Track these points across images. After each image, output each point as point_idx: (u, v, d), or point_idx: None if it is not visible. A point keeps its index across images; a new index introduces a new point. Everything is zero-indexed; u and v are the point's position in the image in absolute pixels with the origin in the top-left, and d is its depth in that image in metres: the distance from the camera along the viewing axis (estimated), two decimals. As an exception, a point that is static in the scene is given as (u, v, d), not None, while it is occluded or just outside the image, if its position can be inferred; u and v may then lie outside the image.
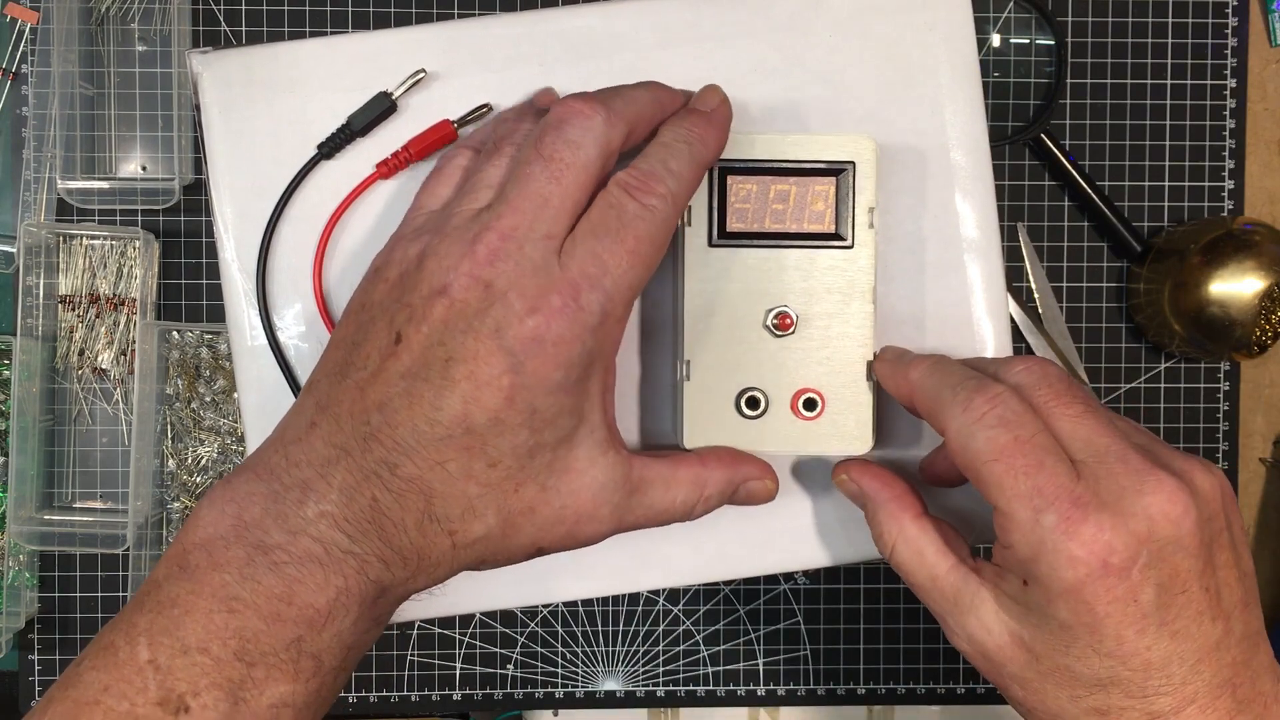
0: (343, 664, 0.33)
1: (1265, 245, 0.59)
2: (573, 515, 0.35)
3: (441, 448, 0.32)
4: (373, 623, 0.34)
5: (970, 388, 0.34)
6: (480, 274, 0.33)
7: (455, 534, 0.33)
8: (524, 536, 0.35)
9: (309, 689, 0.32)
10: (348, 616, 0.32)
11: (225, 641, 0.31)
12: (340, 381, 0.34)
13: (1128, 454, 0.33)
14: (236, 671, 0.31)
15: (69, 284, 0.62)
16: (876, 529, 0.38)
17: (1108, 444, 0.33)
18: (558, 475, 0.34)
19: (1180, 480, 0.32)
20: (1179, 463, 0.33)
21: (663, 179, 0.35)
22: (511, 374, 0.32)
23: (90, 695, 0.31)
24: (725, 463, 0.38)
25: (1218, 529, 0.33)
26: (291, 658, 0.32)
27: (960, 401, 0.34)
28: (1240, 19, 0.63)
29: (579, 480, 0.35)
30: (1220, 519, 0.33)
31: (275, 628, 0.31)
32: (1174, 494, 0.32)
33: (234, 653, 0.31)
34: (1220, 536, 0.33)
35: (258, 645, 0.31)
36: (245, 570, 0.32)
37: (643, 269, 0.34)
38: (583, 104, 0.35)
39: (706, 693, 0.64)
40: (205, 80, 0.41)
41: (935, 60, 0.41)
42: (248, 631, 0.31)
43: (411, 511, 0.33)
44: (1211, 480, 0.33)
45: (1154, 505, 0.32)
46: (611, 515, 0.36)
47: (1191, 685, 0.32)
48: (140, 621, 0.32)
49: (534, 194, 0.33)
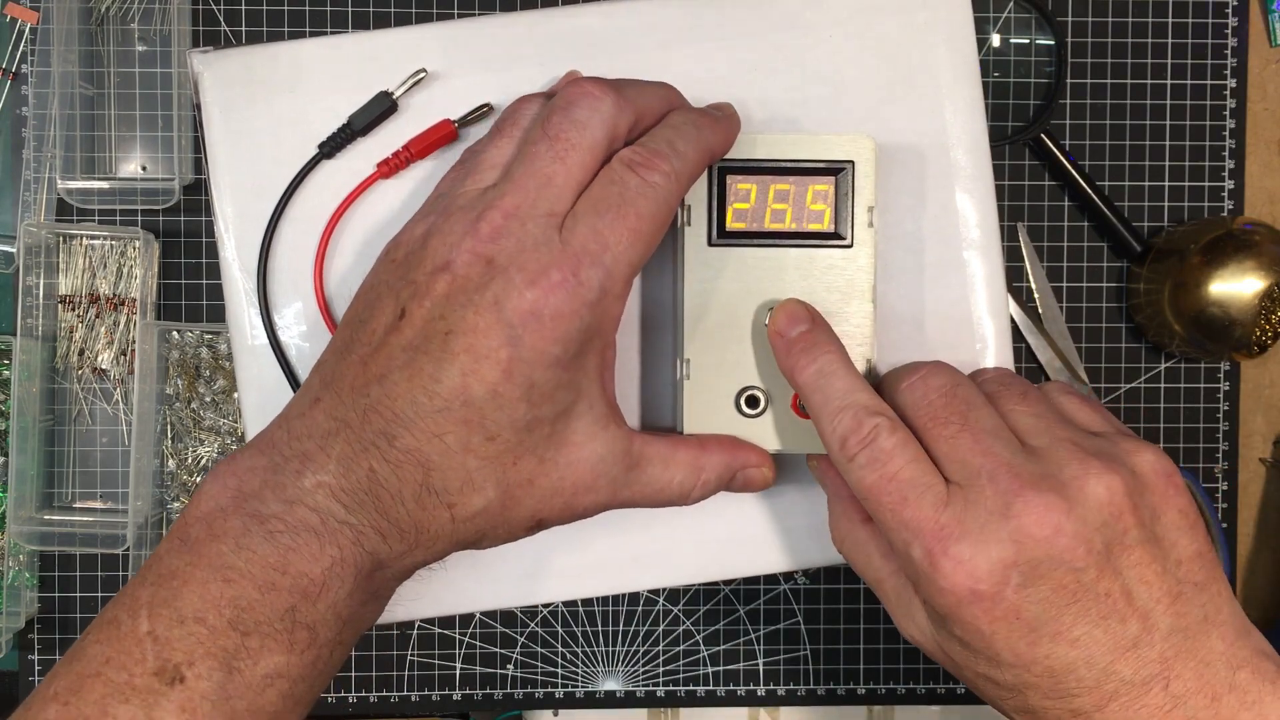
0: (338, 638, 0.33)
1: (1265, 245, 0.59)
2: (570, 486, 0.35)
3: (440, 420, 0.33)
4: (369, 596, 0.34)
5: (845, 426, 0.35)
6: (482, 250, 0.33)
7: (454, 507, 0.33)
8: (523, 509, 0.35)
9: (304, 661, 0.32)
10: (343, 587, 0.33)
11: (221, 611, 0.31)
12: (345, 357, 0.34)
13: (997, 474, 0.33)
14: (231, 641, 0.31)
15: (69, 284, 0.62)
16: (831, 525, 0.40)
17: (979, 464, 0.33)
18: (556, 448, 0.35)
19: (1058, 494, 0.32)
20: (1075, 467, 0.33)
21: (667, 157, 0.35)
22: (510, 347, 0.32)
23: (92, 668, 0.31)
24: (724, 448, 0.38)
25: (1119, 530, 0.32)
26: (286, 628, 0.32)
27: (835, 438, 0.35)
28: (1240, 19, 0.63)
29: (577, 453, 0.35)
30: (1125, 519, 0.33)
31: (270, 597, 0.32)
32: (1042, 514, 0.32)
33: (229, 622, 0.31)
34: (1124, 538, 0.32)
35: (252, 615, 0.31)
36: (241, 540, 0.32)
37: (643, 246, 0.34)
38: (593, 86, 0.35)
39: (706, 693, 0.64)
40: (206, 80, 0.41)
41: (935, 60, 0.41)
42: (243, 601, 0.31)
43: (409, 483, 0.33)
44: (1108, 481, 0.33)
45: (1021, 528, 0.32)
46: (609, 487, 0.36)
47: (1109, 684, 0.32)
48: (142, 594, 0.32)
49: (538, 173, 0.34)
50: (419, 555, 0.34)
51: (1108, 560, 0.32)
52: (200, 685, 0.31)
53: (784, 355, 0.37)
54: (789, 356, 0.37)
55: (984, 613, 0.32)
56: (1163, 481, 0.34)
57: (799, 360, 0.36)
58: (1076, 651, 0.32)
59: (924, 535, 0.33)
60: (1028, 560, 0.32)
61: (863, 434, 0.34)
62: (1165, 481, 0.34)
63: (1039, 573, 0.32)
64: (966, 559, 0.32)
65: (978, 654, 0.33)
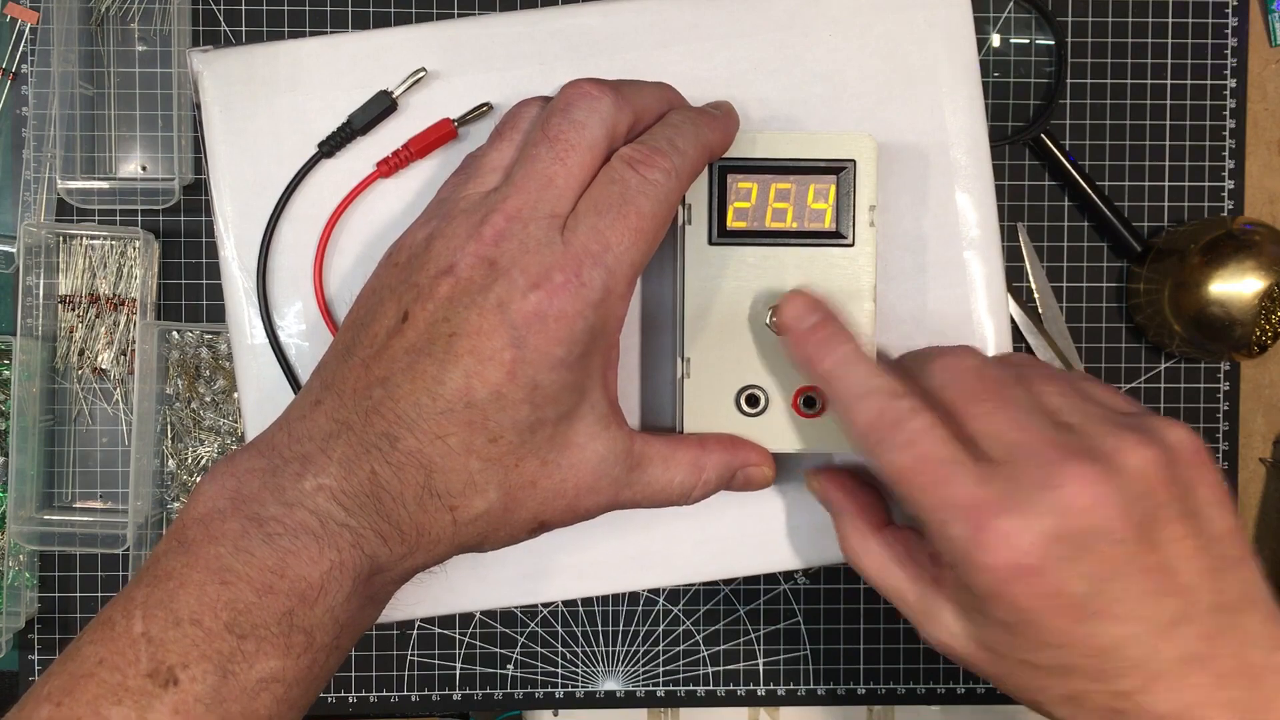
0: (335, 642, 0.33)
1: (1265, 245, 0.59)
2: (573, 488, 0.35)
3: (442, 421, 0.32)
4: (367, 600, 0.34)
5: (872, 410, 0.34)
6: (485, 253, 0.33)
7: (456, 509, 0.33)
8: (525, 511, 0.35)
9: (299, 665, 0.32)
10: (341, 591, 0.32)
11: (217, 614, 0.31)
12: (347, 360, 0.34)
13: (1037, 448, 0.32)
14: (226, 644, 0.31)
15: (69, 284, 0.62)
16: (841, 540, 0.38)
17: (1017, 439, 0.33)
18: (558, 449, 0.34)
19: (1099, 465, 0.32)
20: (1111, 440, 0.32)
21: (666, 154, 0.35)
22: (514, 348, 0.32)
23: (86, 668, 0.31)
24: (725, 447, 0.38)
25: (1157, 504, 0.32)
26: (283, 631, 0.31)
27: (863, 423, 0.34)
28: (1240, 19, 0.63)
29: (579, 454, 0.35)
30: (1162, 492, 0.32)
31: (267, 600, 0.31)
32: (1085, 484, 0.31)
33: (225, 625, 0.31)
34: (1163, 510, 0.32)
35: (249, 618, 0.31)
36: (240, 543, 0.32)
37: (645, 244, 0.34)
38: (591, 86, 0.35)
39: (706, 693, 0.64)
40: (206, 79, 0.41)
41: (935, 60, 0.41)
42: (239, 604, 0.31)
43: (410, 485, 0.33)
44: (1145, 454, 0.32)
45: (1064, 498, 0.31)
46: (611, 488, 0.36)
47: (1153, 663, 0.31)
48: (138, 595, 0.32)
49: (539, 174, 0.34)
50: (419, 558, 0.34)
51: (1148, 533, 0.32)
52: (194, 688, 0.31)
53: (798, 347, 0.36)
54: (804, 348, 0.36)
55: (1028, 589, 0.31)
56: (1195, 456, 0.33)
57: (817, 351, 0.36)
58: (1122, 629, 0.31)
59: (964, 511, 0.32)
60: (1072, 532, 0.31)
61: (892, 417, 0.34)
62: (1197, 456, 0.33)
63: (1083, 545, 0.31)
64: (1010, 533, 0.31)
65: (1021, 637, 0.32)
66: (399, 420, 0.33)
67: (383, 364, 0.33)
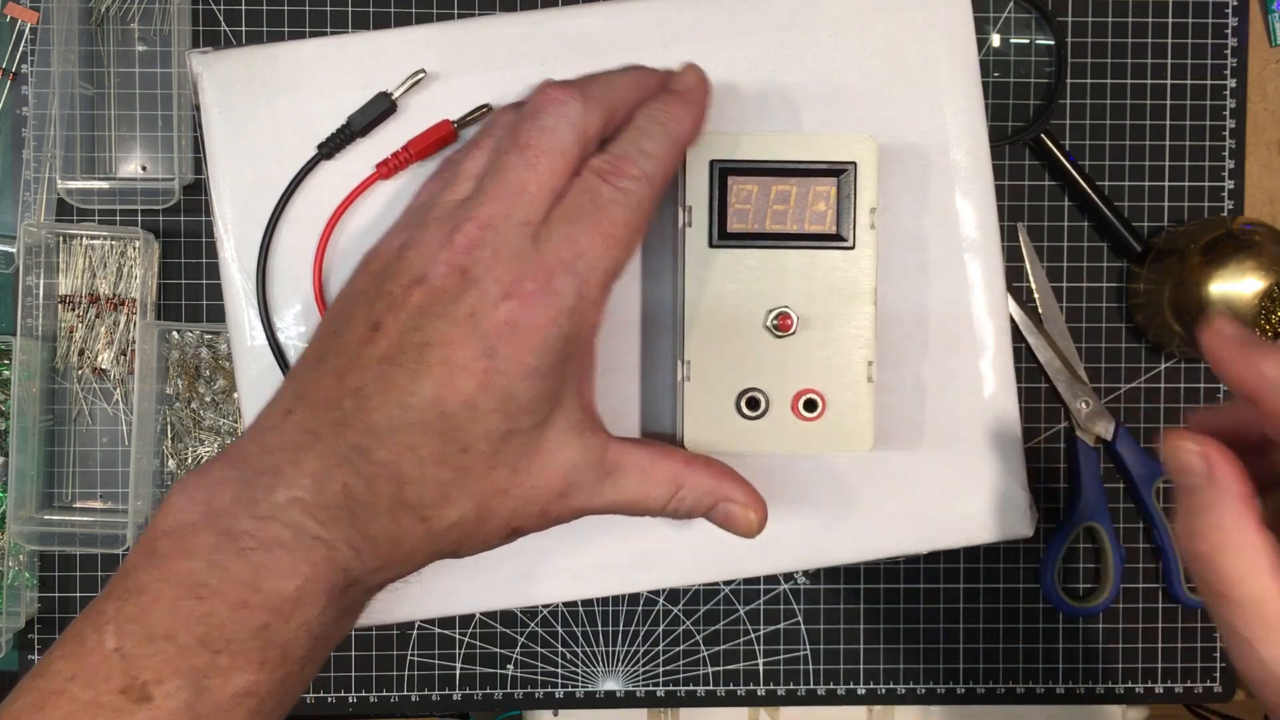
0: (309, 655, 0.33)
1: (1265, 245, 0.59)
2: (544, 495, 0.35)
3: (414, 432, 0.32)
4: (342, 613, 0.34)
5: None
6: (458, 262, 0.33)
7: (429, 520, 0.33)
8: (498, 519, 0.34)
9: (274, 679, 0.32)
10: (315, 604, 0.32)
11: (191, 629, 0.31)
12: (318, 368, 0.34)
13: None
14: (201, 659, 0.31)
15: (69, 284, 0.62)
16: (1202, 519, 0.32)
17: None
18: (529, 457, 0.34)
19: None
20: None
21: (636, 161, 0.35)
22: (486, 359, 0.32)
23: (56, 684, 0.31)
24: (711, 473, 0.37)
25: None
26: (258, 646, 0.31)
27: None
28: (1240, 19, 0.63)
29: (550, 460, 0.35)
30: None
31: (241, 615, 0.31)
32: None
33: (199, 640, 0.31)
34: None
35: (223, 633, 0.31)
36: (213, 557, 0.31)
37: (619, 252, 0.34)
38: (558, 91, 0.35)
39: (706, 693, 0.64)
40: (205, 80, 0.41)
41: (935, 60, 0.41)
42: (214, 619, 0.31)
43: (383, 497, 0.32)
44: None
45: None
46: (582, 495, 0.36)
47: None
48: (108, 609, 0.32)
49: (511, 182, 0.34)
50: (394, 570, 0.34)
51: None
52: (168, 704, 0.30)
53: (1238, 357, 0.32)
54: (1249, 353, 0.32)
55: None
56: None
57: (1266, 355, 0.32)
58: None
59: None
60: None
61: None
62: None
63: None
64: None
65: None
66: (370, 432, 0.32)
67: (354, 374, 0.33)
